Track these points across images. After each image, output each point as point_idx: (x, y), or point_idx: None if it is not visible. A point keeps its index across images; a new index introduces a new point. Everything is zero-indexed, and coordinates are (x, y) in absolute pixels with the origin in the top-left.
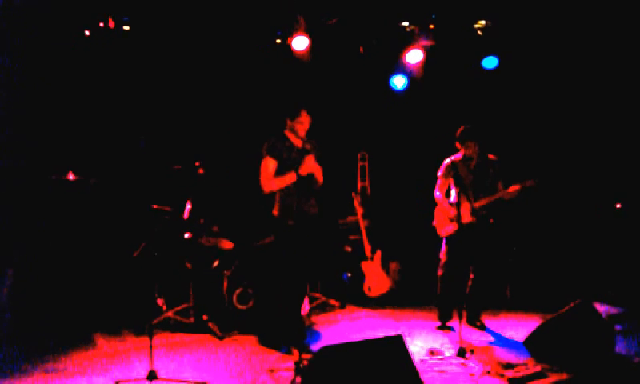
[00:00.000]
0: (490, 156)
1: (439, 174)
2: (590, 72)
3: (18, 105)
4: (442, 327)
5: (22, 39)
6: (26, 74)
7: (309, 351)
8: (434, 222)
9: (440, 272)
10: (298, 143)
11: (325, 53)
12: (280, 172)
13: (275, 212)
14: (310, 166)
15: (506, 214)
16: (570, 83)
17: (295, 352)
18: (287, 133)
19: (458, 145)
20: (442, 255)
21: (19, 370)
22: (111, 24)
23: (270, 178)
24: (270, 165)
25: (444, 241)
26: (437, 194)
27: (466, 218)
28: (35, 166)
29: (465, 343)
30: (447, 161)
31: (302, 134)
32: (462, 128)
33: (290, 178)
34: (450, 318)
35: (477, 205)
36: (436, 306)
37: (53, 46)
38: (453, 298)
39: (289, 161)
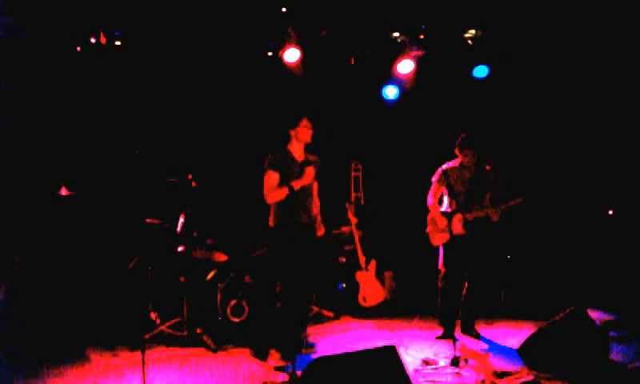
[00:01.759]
0: (487, 167)
1: (433, 179)
2: (582, 78)
3: (9, 120)
4: (444, 337)
5: (15, 55)
6: (20, 87)
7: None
8: (428, 229)
9: (440, 284)
10: (300, 157)
11: (316, 64)
12: (282, 184)
13: (270, 223)
14: (308, 178)
15: (499, 223)
16: (562, 91)
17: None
18: (290, 147)
19: (456, 151)
20: (441, 266)
21: None
22: (103, 40)
23: (273, 189)
24: (272, 177)
25: (441, 250)
26: (429, 200)
27: (458, 228)
28: (28, 180)
29: (459, 352)
30: (442, 167)
31: (309, 138)
32: (462, 135)
33: (284, 192)
34: (453, 327)
35: (469, 217)
36: (438, 318)
37: (46, 61)
38: (454, 309)
39: (290, 175)
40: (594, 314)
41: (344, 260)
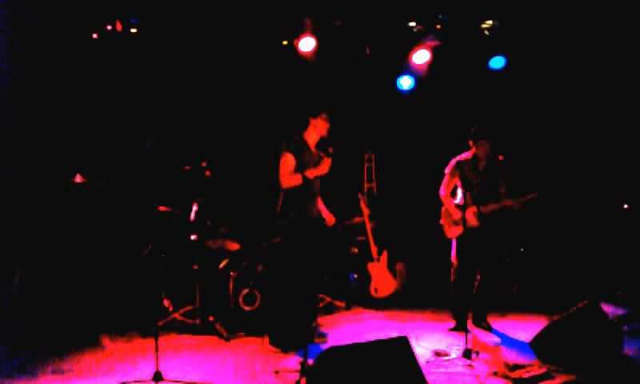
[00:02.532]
0: (500, 157)
1: (446, 171)
2: (597, 71)
3: (25, 107)
4: (456, 329)
5: (29, 42)
6: (33, 77)
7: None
8: (441, 221)
9: (453, 277)
10: (314, 147)
11: (331, 54)
12: (297, 170)
13: (278, 208)
14: (324, 169)
15: (512, 215)
16: (578, 83)
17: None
18: (306, 136)
19: (470, 143)
20: (454, 259)
21: (26, 371)
22: (119, 27)
23: (290, 172)
24: (289, 160)
25: (454, 243)
26: (442, 192)
27: (472, 221)
28: (43, 168)
29: (471, 344)
30: (456, 159)
31: (325, 132)
32: (476, 126)
33: (298, 178)
34: (465, 320)
35: (484, 210)
36: (450, 310)
37: (61, 48)
38: (466, 301)
39: (304, 163)
40: (607, 308)
41: (356, 251)
